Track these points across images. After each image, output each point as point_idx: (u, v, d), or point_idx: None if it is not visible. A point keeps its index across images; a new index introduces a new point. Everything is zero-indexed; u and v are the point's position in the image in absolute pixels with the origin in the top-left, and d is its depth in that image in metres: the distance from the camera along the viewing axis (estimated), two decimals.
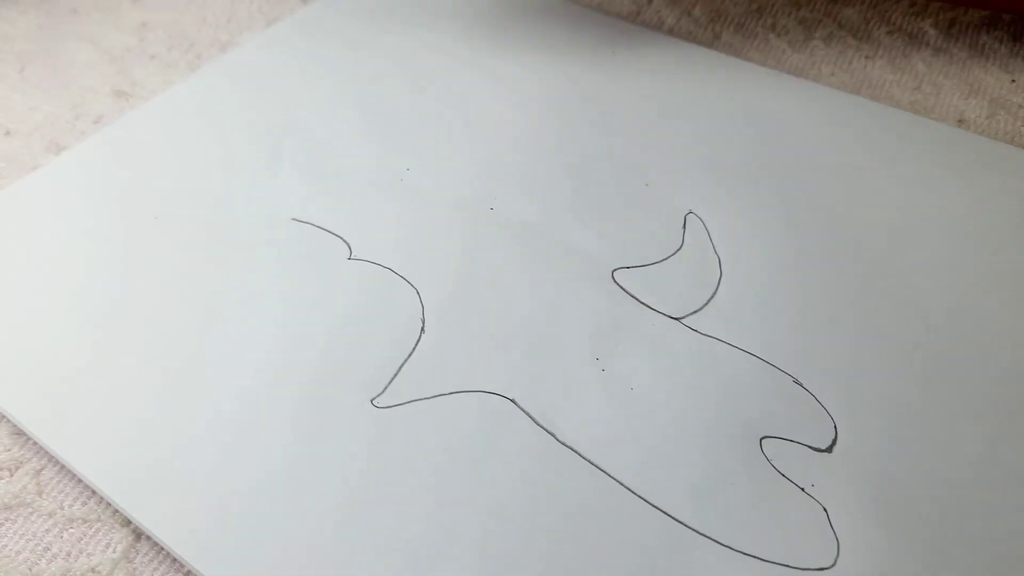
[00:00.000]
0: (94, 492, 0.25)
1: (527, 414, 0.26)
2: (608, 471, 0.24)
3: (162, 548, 0.24)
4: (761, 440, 0.25)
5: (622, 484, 0.24)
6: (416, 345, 0.28)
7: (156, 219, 0.32)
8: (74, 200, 0.33)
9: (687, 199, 0.32)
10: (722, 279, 0.30)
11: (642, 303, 0.29)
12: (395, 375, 0.27)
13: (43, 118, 0.39)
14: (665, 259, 0.30)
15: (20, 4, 0.46)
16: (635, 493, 0.24)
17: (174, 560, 0.24)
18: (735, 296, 0.29)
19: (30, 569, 0.24)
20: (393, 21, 0.43)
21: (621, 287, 0.29)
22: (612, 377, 0.27)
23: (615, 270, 0.30)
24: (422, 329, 0.28)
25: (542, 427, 0.26)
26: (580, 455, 0.25)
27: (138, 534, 0.24)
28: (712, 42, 0.41)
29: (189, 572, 0.24)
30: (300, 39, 0.42)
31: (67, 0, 0.46)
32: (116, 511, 0.25)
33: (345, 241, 0.31)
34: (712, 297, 0.29)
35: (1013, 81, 0.37)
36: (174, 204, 0.33)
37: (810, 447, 0.25)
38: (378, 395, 0.26)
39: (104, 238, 0.32)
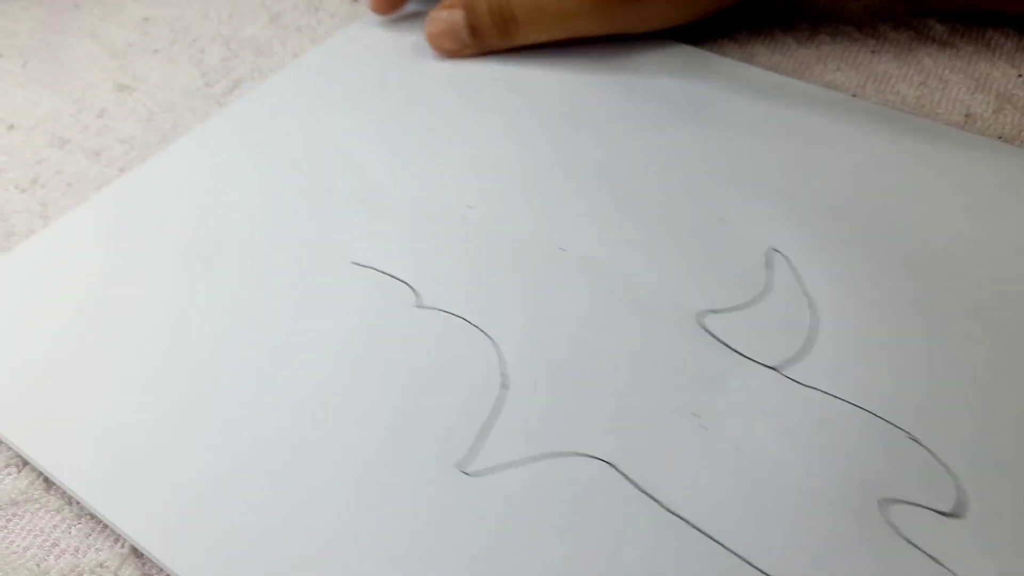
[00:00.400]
0: None
1: (628, 478, 0.24)
2: (722, 541, 0.22)
3: None
4: (880, 503, 0.23)
5: (737, 555, 0.22)
6: (499, 403, 0.26)
7: (208, 261, 0.30)
8: (115, 239, 0.31)
9: (766, 235, 0.30)
10: (817, 323, 0.27)
11: (735, 351, 0.27)
12: (480, 437, 0.25)
13: (45, 112, 0.39)
14: (752, 302, 0.28)
15: None
16: (752, 565, 0.22)
17: None
18: (833, 342, 0.27)
19: (38, 565, 0.24)
20: None
21: (710, 333, 0.27)
22: (714, 435, 0.25)
23: (701, 314, 0.28)
24: (503, 384, 0.26)
25: (646, 493, 0.24)
26: (689, 523, 0.23)
27: None
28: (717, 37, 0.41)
29: None
30: (339, 64, 0.39)
31: None
32: None
33: (411, 287, 0.29)
34: (809, 343, 0.27)
35: (1020, 76, 0.37)
36: (224, 247, 0.31)
37: (935, 511, 0.23)
38: (464, 460, 0.24)
39: (150, 283, 0.30)
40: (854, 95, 0.36)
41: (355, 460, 0.24)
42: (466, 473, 0.24)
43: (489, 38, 0.37)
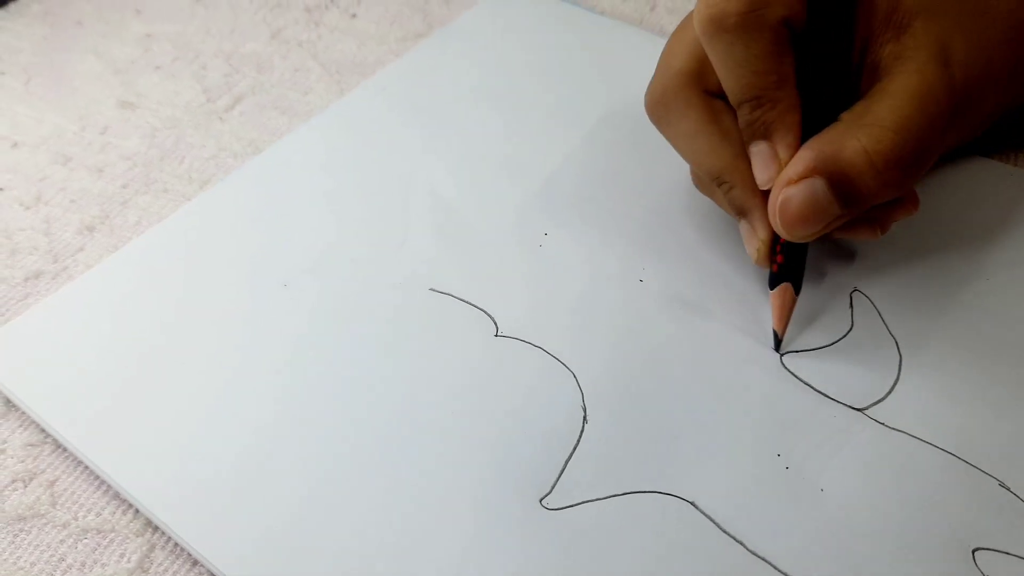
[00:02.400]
0: (108, 502, 0.25)
1: (711, 519, 0.24)
2: None
3: (177, 557, 0.24)
4: (974, 552, 0.23)
5: None
6: (580, 437, 0.26)
7: (285, 287, 0.30)
8: (190, 260, 0.31)
9: (848, 275, 0.30)
10: (903, 364, 0.27)
11: (819, 392, 0.26)
12: (562, 471, 0.25)
13: (49, 130, 0.39)
14: (836, 341, 0.28)
15: (25, 16, 0.46)
16: None
17: (189, 570, 0.24)
18: (918, 384, 0.26)
19: None
20: (516, 56, 0.40)
21: (793, 373, 0.27)
22: (798, 476, 0.24)
23: (784, 355, 0.28)
24: (584, 419, 0.26)
25: (729, 534, 0.23)
26: (775, 567, 0.23)
27: (153, 544, 0.25)
28: None
29: None
30: (412, 84, 0.39)
31: (72, 12, 0.46)
32: (131, 521, 0.25)
33: (490, 316, 0.29)
34: (895, 385, 0.26)
35: None
36: (301, 270, 0.31)
37: None
38: (547, 494, 0.24)
39: (226, 305, 0.30)
40: None
41: (433, 490, 0.24)
42: (547, 508, 0.24)
43: (878, 197, 0.25)
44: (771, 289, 0.28)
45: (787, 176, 0.25)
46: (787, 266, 0.27)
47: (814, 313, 0.29)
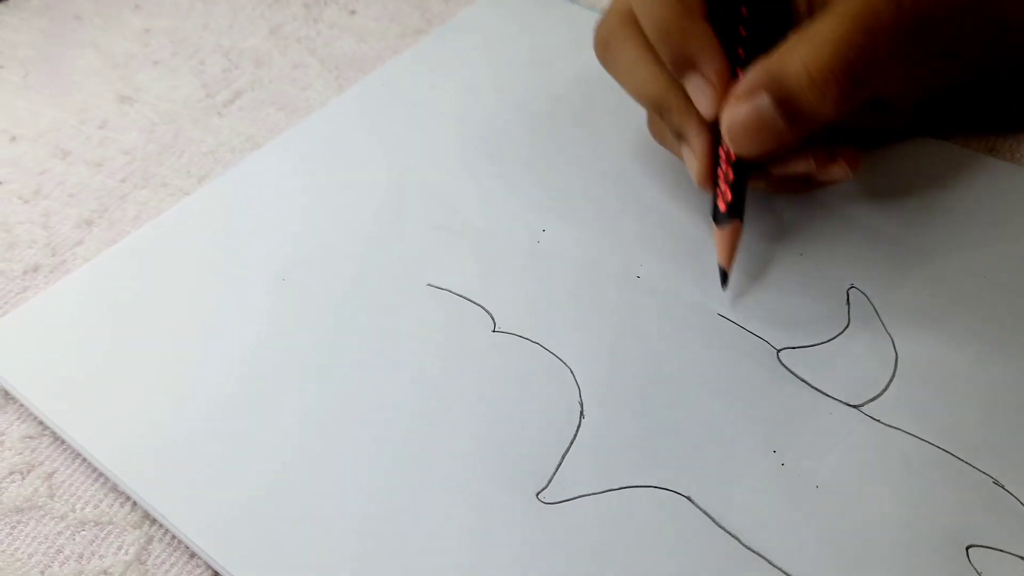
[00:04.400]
0: (106, 495, 0.26)
1: (706, 514, 0.24)
2: None
3: (175, 550, 0.24)
4: (968, 549, 0.23)
5: None
6: (577, 432, 0.26)
7: (283, 281, 0.30)
8: (191, 252, 0.32)
9: (846, 271, 0.30)
10: (899, 361, 0.27)
11: (815, 388, 0.27)
12: (559, 466, 0.25)
13: (48, 124, 0.39)
14: (832, 338, 0.28)
15: (24, 10, 0.46)
16: None
17: (186, 562, 0.24)
18: (914, 381, 0.26)
19: (42, 572, 0.24)
20: (515, 54, 0.40)
21: (789, 370, 0.27)
22: (793, 472, 0.24)
23: (780, 350, 0.28)
24: (581, 414, 0.26)
25: (724, 529, 0.23)
26: (769, 562, 0.23)
27: (150, 536, 0.25)
28: None
29: (201, 574, 0.24)
30: (411, 80, 0.39)
31: (70, 6, 0.46)
32: (128, 513, 0.25)
33: (488, 311, 0.29)
34: (891, 382, 0.27)
35: None
36: (299, 264, 0.31)
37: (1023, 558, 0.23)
38: (543, 488, 0.24)
39: (224, 298, 0.30)
40: None
41: (430, 484, 0.25)
42: (544, 502, 0.24)
43: (820, 115, 0.26)
44: (717, 224, 0.28)
45: (735, 94, 0.27)
46: (736, 203, 0.28)
47: (811, 310, 0.29)
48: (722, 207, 0.28)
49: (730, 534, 0.23)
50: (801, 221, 0.32)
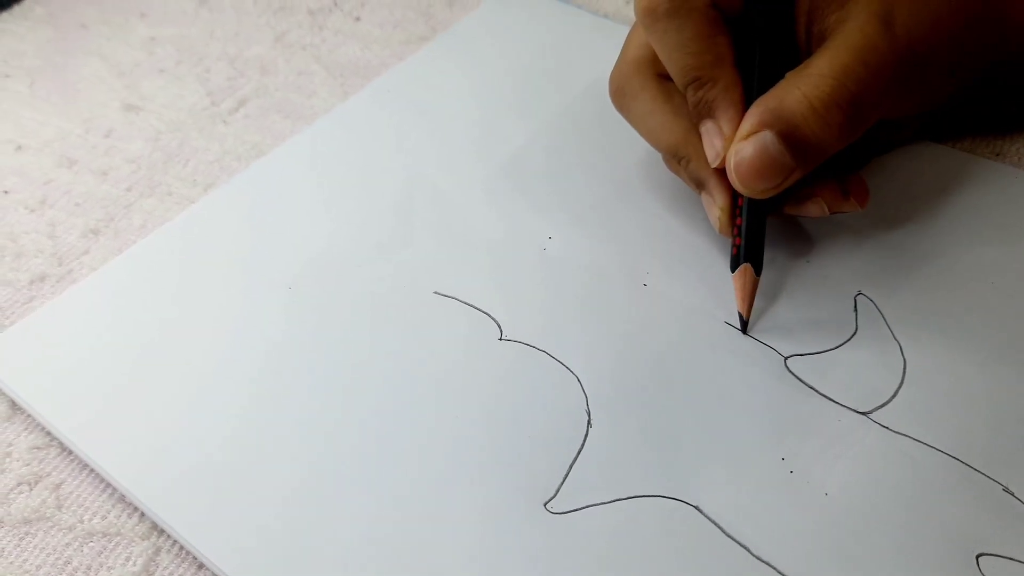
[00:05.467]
0: (114, 506, 0.26)
1: (715, 524, 0.24)
2: None
3: (183, 561, 0.24)
4: (978, 558, 0.23)
5: None
6: (584, 441, 0.26)
7: (290, 289, 0.30)
8: (197, 260, 0.32)
9: (852, 278, 0.29)
10: (907, 368, 0.27)
11: (823, 395, 0.26)
12: (566, 475, 0.25)
13: (53, 133, 0.39)
14: (840, 345, 0.28)
15: (29, 19, 0.46)
16: None
17: (195, 573, 0.24)
18: (923, 388, 0.26)
19: None
20: (520, 60, 0.40)
21: (797, 377, 0.27)
22: (802, 481, 0.24)
23: (788, 358, 0.27)
24: (588, 422, 0.26)
25: (733, 539, 0.23)
26: (779, 571, 0.23)
27: (158, 547, 0.25)
28: None
29: None
30: (415, 87, 0.39)
31: (76, 15, 0.46)
32: (136, 524, 0.25)
33: (494, 319, 0.29)
34: (899, 388, 0.26)
35: None
36: (305, 272, 0.31)
37: None
38: (552, 498, 0.24)
39: (230, 306, 0.30)
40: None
41: (438, 493, 0.24)
42: (552, 512, 0.24)
43: (826, 146, 0.26)
44: (732, 271, 0.28)
45: (740, 135, 0.27)
46: (746, 247, 0.28)
47: (818, 316, 0.29)
48: (734, 251, 0.28)
49: (739, 543, 0.23)
50: (808, 228, 0.31)
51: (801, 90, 0.26)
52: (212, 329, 0.29)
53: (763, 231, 0.28)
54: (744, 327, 0.28)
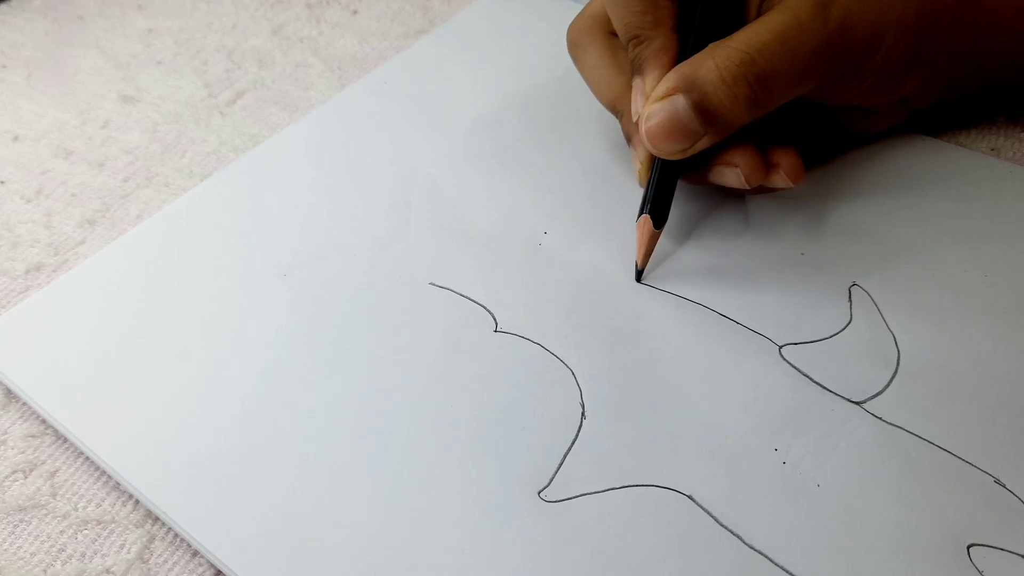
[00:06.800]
0: (108, 493, 0.26)
1: (708, 513, 0.24)
2: None
3: (177, 548, 0.24)
4: (969, 548, 0.23)
5: None
6: (578, 432, 0.26)
7: (285, 277, 0.30)
8: (192, 248, 0.32)
9: (847, 270, 0.30)
10: (900, 358, 0.27)
11: (818, 384, 0.27)
12: (560, 465, 0.25)
13: (50, 124, 0.39)
14: (835, 335, 0.28)
15: (27, 11, 0.46)
16: None
17: (189, 560, 0.24)
18: (917, 378, 0.26)
19: (44, 571, 0.24)
20: (517, 53, 0.40)
21: (793, 366, 0.27)
22: (795, 471, 0.24)
23: (782, 347, 0.28)
24: (582, 414, 0.26)
25: (726, 528, 0.23)
26: (771, 560, 0.23)
27: (152, 535, 0.25)
28: None
29: (204, 573, 0.24)
30: (412, 79, 0.39)
31: (73, 7, 0.46)
32: (131, 512, 0.25)
33: (489, 311, 0.29)
34: (892, 379, 0.27)
35: None
36: (301, 260, 0.31)
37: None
38: (545, 487, 0.24)
39: (224, 294, 0.30)
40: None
41: (432, 482, 0.25)
42: (546, 500, 0.24)
43: (733, 116, 0.27)
44: (636, 219, 0.29)
45: (655, 96, 0.27)
46: (651, 199, 0.29)
47: (813, 306, 0.29)
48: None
49: (732, 532, 0.23)
50: (803, 221, 0.31)
51: (714, 60, 0.27)
52: (206, 317, 0.29)
53: (671, 189, 0.29)
54: (638, 277, 0.30)
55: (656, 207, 0.29)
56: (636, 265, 0.29)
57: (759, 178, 0.29)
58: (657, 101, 0.27)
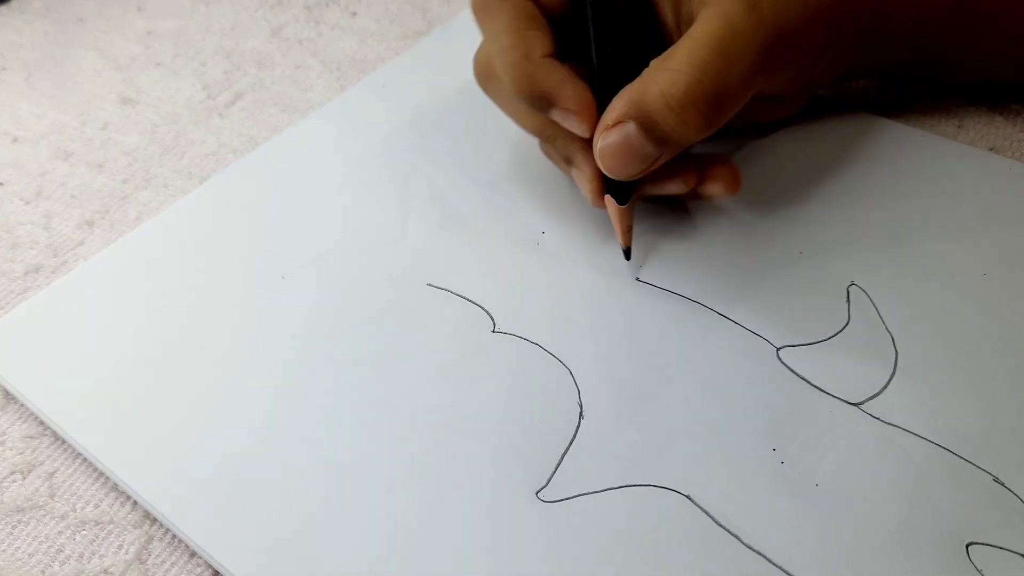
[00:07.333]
0: (107, 494, 0.26)
1: (706, 512, 0.24)
2: None
3: (175, 549, 0.24)
4: (968, 547, 0.23)
5: None
6: (576, 432, 0.26)
7: (283, 279, 0.30)
8: (191, 249, 0.32)
9: (846, 269, 0.30)
10: (899, 359, 0.27)
11: (815, 386, 0.26)
12: (558, 465, 0.25)
13: (50, 125, 0.39)
14: (832, 336, 0.28)
15: (26, 12, 0.46)
16: None
17: (187, 561, 0.24)
18: (915, 379, 0.26)
19: (43, 572, 0.24)
20: None
21: (789, 368, 0.27)
22: (794, 471, 0.24)
23: (780, 349, 0.28)
24: (580, 414, 0.26)
25: (724, 528, 0.23)
26: (769, 560, 0.23)
27: (150, 536, 0.25)
28: None
29: (201, 574, 0.24)
30: (411, 80, 0.39)
31: (73, 8, 0.46)
32: (129, 513, 0.25)
33: (487, 312, 0.29)
34: (891, 379, 0.26)
35: None
36: (299, 262, 0.31)
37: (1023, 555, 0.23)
38: (543, 487, 0.24)
39: (223, 295, 0.30)
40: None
41: (431, 482, 0.25)
42: (544, 500, 0.24)
43: (686, 139, 0.27)
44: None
45: (604, 123, 0.27)
46: (608, 183, 0.29)
47: (810, 308, 0.29)
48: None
49: (730, 533, 0.23)
50: (801, 220, 0.31)
51: (659, 86, 0.26)
52: (204, 319, 0.29)
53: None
54: (626, 255, 0.30)
55: (614, 185, 0.29)
56: (620, 245, 0.30)
57: (699, 184, 0.29)
58: (608, 128, 0.27)
